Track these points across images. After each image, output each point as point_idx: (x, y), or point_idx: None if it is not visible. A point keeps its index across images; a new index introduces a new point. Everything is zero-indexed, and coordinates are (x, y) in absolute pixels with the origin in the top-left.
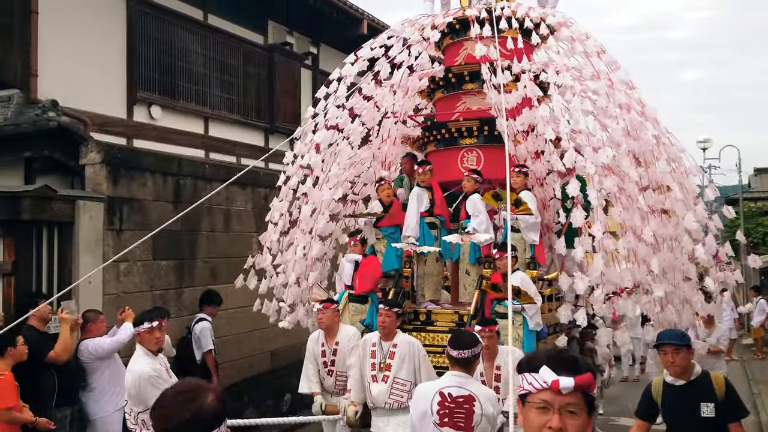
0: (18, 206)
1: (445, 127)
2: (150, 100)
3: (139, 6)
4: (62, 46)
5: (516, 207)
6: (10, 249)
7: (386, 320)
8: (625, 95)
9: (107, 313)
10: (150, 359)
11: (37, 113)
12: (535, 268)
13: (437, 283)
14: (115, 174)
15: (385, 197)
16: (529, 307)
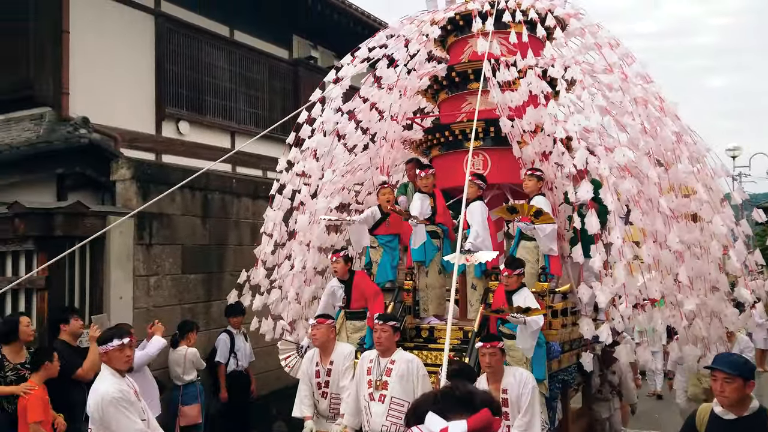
0: (51, 222)
1: (448, 130)
2: (178, 116)
3: (166, 23)
4: (92, 64)
5: (535, 217)
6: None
7: (382, 335)
8: (641, 89)
9: (137, 326)
10: (116, 380)
11: (68, 130)
12: (546, 280)
13: (440, 296)
14: (144, 189)
15: (384, 203)
16: (530, 323)
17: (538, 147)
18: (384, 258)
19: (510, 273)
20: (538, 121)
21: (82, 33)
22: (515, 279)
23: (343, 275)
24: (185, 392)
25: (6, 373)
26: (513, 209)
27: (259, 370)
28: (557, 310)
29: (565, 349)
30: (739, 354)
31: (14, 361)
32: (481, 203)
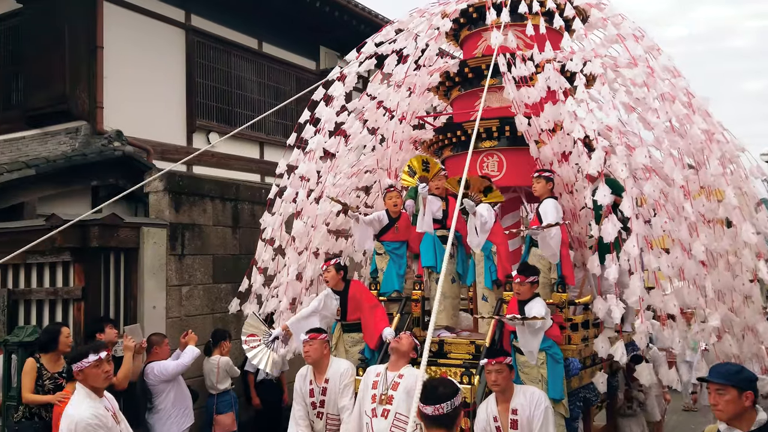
0: (87, 234)
1: (460, 129)
2: (208, 128)
3: (197, 37)
4: (126, 78)
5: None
6: (80, 275)
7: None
8: (668, 84)
9: (170, 336)
10: (92, 402)
11: (103, 143)
12: (564, 290)
13: (453, 306)
14: (176, 200)
15: (391, 207)
16: (531, 324)
17: (557, 147)
18: (390, 266)
19: (522, 280)
20: (556, 119)
21: (116, 48)
22: (528, 287)
23: (335, 285)
24: (219, 401)
25: (44, 382)
26: (467, 183)
27: (292, 378)
28: (577, 324)
29: (587, 365)
30: (736, 363)
31: (52, 370)
32: (486, 206)
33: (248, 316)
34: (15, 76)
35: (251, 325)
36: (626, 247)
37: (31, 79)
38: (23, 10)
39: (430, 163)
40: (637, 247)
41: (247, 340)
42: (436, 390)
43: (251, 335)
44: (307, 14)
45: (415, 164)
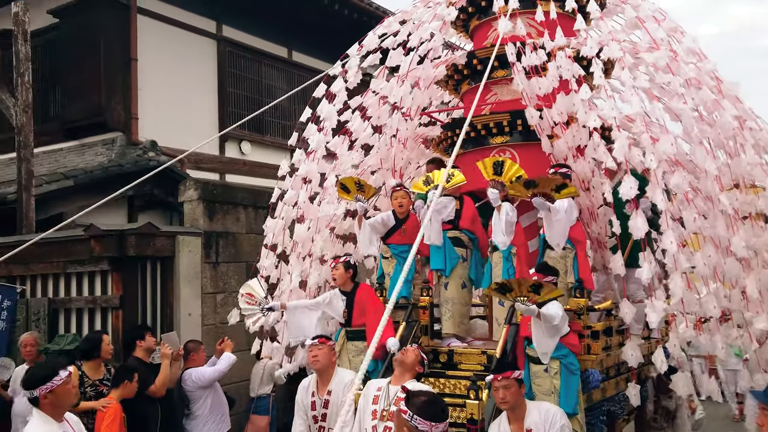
0: (125, 243)
1: (469, 124)
2: (240, 137)
3: (228, 47)
4: (159, 89)
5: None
6: (118, 284)
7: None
8: (693, 68)
9: (206, 343)
10: (49, 427)
11: (138, 154)
12: (583, 294)
13: (462, 314)
14: (210, 209)
15: (398, 207)
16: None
17: (571, 141)
18: (397, 270)
19: (540, 278)
20: (570, 111)
21: (149, 60)
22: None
23: (343, 284)
24: (258, 404)
25: (85, 389)
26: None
27: None
28: (598, 331)
29: (611, 375)
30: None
31: (93, 377)
32: (509, 205)
33: (254, 280)
34: (53, 89)
35: (252, 288)
36: (663, 244)
37: (68, 92)
38: (59, 25)
39: (455, 175)
40: (674, 243)
41: (243, 294)
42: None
43: (249, 294)
44: (337, 22)
45: (437, 177)
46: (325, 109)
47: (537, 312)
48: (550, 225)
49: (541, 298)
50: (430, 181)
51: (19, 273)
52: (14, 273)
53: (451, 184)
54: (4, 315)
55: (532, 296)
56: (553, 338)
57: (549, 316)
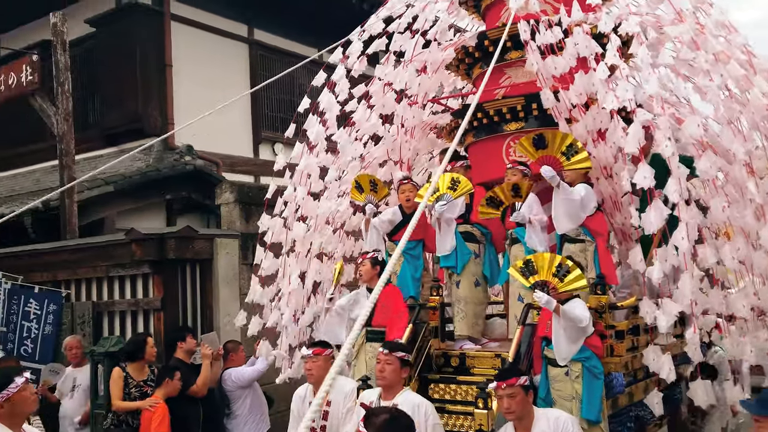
0: (164, 246)
1: (481, 110)
2: (274, 139)
3: (260, 50)
4: (194, 94)
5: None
6: (159, 286)
7: (386, 368)
8: (722, 42)
9: (245, 344)
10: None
11: (175, 158)
12: (605, 291)
13: (476, 314)
14: (246, 211)
15: (405, 202)
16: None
17: (591, 124)
18: (405, 269)
19: None
20: (589, 92)
21: (183, 65)
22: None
23: (370, 281)
24: None
25: (130, 390)
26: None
27: None
28: (622, 331)
29: (639, 378)
30: None
31: (137, 378)
32: (531, 195)
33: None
34: (92, 97)
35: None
36: (674, 239)
37: (106, 100)
38: (96, 34)
39: (461, 182)
40: (687, 238)
41: None
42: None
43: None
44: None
45: (440, 182)
46: (324, 98)
47: (556, 307)
48: (556, 203)
49: (564, 286)
50: (437, 190)
51: (64, 277)
52: (59, 277)
53: (458, 194)
54: (51, 319)
55: (554, 281)
56: (575, 343)
57: (575, 318)
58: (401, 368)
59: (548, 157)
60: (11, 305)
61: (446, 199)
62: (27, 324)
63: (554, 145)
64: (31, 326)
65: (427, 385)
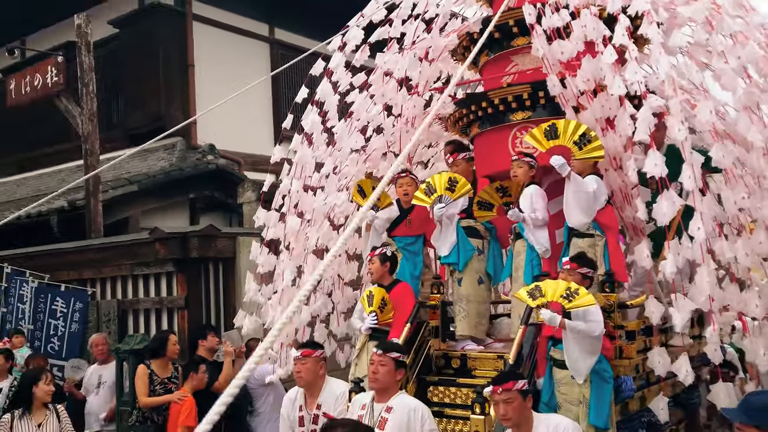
0: (188, 245)
1: (485, 99)
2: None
3: (281, 50)
4: (216, 93)
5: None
6: (182, 284)
7: (379, 370)
8: (740, 23)
9: None
10: None
11: (197, 157)
12: (613, 289)
13: (479, 313)
14: (268, 210)
15: (402, 195)
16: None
17: (599, 111)
18: (403, 266)
19: (574, 268)
20: (597, 77)
21: (205, 65)
22: (579, 280)
23: (380, 279)
24: None
25: (155, 387)
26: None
27: None
28: (633, 331)
29: (651, 381)
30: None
31: (162, 375)
32: (537, 188)
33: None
34: (115, 97)
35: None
36: (690, 230)
37: (129, 100)
38: (120, 35)
39: (459, 182)
40: (702, 229)
41: None
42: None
43: None
44: None
45: (436, 182)
46: (322, 87)
47: (561, 322)
48: (567, 195)
49: (571, 306)
50: (432, 190)
51: (90, 276)
52: (85, 276)
53: (457, 195)
54: (77, 317)
55: (563, 302)
56: (592, 355)
57: (583, 331)
58: (396, 370)
59: (559, 148)
60: (38, 303)
61: (445, 201)
62: (54, 322)
63: (566, 134)
64: (58, 324)
65: (426, 387)
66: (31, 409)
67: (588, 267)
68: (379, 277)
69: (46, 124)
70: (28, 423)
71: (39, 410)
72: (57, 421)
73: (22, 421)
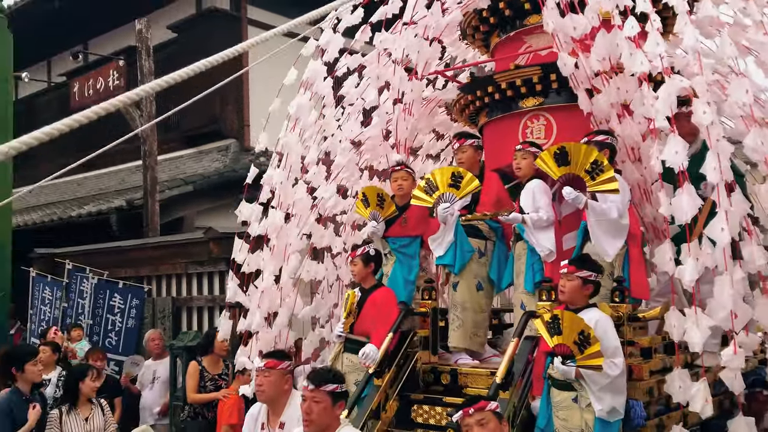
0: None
1: (492, 84)
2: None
3: None
4: (268, 96)
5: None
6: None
7: (313, 408)
8: None
9: None
10: None
11: (250, 159)
12: (623, 299)
13: (476, 323)
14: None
15: (397, 190)
16: (591, 376)
17: (615, 95)
18: (397, 269)
19: (572, 271)
20: (613, 55)
21: (258, 68)
22: (578, 285)
23: (363, 280)
24: None
25: (205, 383)
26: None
27: None
28: (649, 348)
29: (672, 407)
30: None
31: (212, 372)
32: (540, 183)
33: None
34: (173, 100)
35: None
36: (710, 231)
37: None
38: (177, 39)
39: (464, 178)
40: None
41: None
42: None
43: None
44: None
45: (438, 178)
46: (309, 67)
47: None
48: (591, 228)
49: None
50: (433, 187)
51: (146, 273)
52: (141, 273)
53: (462, 193)
54: (134, 313)
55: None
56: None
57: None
58: (333, 406)
59: (571, 176)
60: (97, 299)
61: (449, 199)
62: (111, 317)
63: (577, 161)
64: (115, 319)
65: (410, 406)
66: (77, 404)
67: (591, 270)
68: (362, 279)
69: (107, 125)
70: (75, 417)
71: (85, 405)
72: (102, 415)
73: (70, 415)
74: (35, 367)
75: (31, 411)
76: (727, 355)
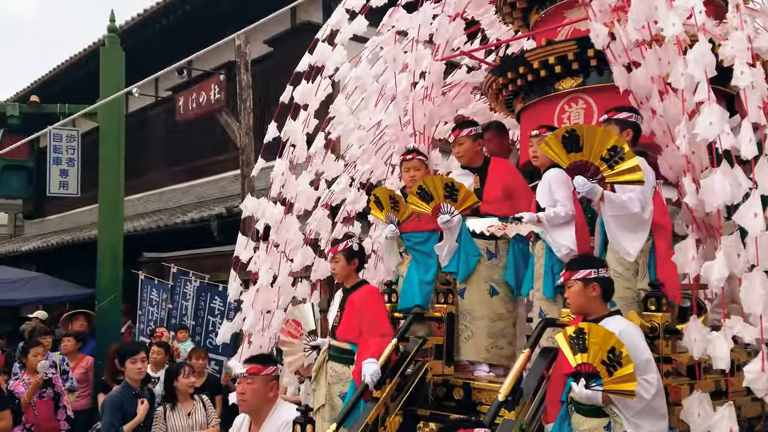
0: None
1: (523, 63)
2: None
3: None
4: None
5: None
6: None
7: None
8: None
9: None
10: None
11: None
12: (660, 307)
13: (492, 333)
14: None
15: (408, 180)
16: (622, 401)
17: (655, 67)
18: (413, 269)
19: (567, 277)
20: (653, 21)
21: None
22: (580, 290)
23: (345, 280)
24: None
25: None
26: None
27: None
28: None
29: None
30: None
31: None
32: (559, 172)
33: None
34: (269, 111)
35: (301, 315)
36: (739, 218)
37: (281, 114)
38: (273, 53)
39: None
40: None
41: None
42: None
43: (295, 323)
44: None
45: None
46: (317, 50)
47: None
48: (608, 224)
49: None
50: (428, 196)
51: (245, 277)
52: (241, 277)
53: (462, 207)
54: (232, 315)
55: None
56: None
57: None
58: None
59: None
60: (199, 302)
61: (447, 211)
62: (212, 319)
63: (591, 146)
64: (216, 321)
65: (416, 422)
66: (178, 400)
67: (587, 267)
68: (344, 278)
69: (209, 137)
70: (179, 413)
71: (186, 401)
72: (204, 410)
73: (174, 412)
74: (134, 365)
75: (140, 406)
76: (752, 372)
